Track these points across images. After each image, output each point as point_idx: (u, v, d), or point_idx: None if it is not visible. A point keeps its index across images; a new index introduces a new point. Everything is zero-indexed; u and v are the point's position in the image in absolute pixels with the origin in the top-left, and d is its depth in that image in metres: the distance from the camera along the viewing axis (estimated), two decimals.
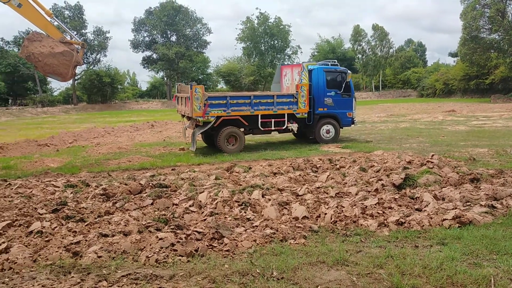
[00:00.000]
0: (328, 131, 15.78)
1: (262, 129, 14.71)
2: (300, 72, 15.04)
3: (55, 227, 6.14)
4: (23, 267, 4.82)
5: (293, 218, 6.60)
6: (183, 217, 6.63)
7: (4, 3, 11.72)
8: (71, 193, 8.33)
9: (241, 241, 5.53)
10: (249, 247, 5.40)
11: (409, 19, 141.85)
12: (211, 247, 5.38)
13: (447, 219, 6.14)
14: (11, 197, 8.21)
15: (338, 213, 6.65)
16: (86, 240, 5.55)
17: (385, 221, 6.22)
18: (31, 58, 11.95)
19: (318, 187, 8.44)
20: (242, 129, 14.62)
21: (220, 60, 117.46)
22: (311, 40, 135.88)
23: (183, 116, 15.32)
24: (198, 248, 5.24)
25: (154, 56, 74.02)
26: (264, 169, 10.64)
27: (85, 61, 66.30)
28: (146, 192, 8.13)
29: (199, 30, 75.91)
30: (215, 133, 14.27)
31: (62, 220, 6.49)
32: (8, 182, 9.39)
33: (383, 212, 6.60)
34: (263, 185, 8.49)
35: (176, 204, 7.38)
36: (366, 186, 8.29)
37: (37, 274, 4.67)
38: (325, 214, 6.69)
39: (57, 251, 5.19)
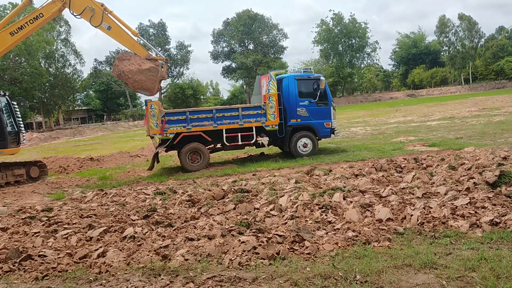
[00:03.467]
0: (305, 145, 14.32)
1: (228, 144, 13.74)
2: (268, 82, 13.97)
3: (146, 232, 6.53)
4: (118, 269, 5.18)
5: (376, 220, 6.39)
6: (264, 221, 6.71)
7: (95, 26, 12.79)
8: (160, 200, 8.82)
9: (323, 244, 5.47)
10: (331, 250, 5.32)
11: (498, 5, 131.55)
12: (292, 250, 5.39)
13: None
14: (107, 205, 8.88)
15: (426, 214, 6.32)
16: (174, 244, 5.84)
17: (478, 222, 5.80)
18: (121, 76, 12.88)
19: (403, 188, 8.09)
20: (210, 146, 13.90)
21: (297, 64, 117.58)
22: (390, 37, 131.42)
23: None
24: (280, 251, 5.27)
25: (233, 65, 76.05)
26: (345, 171, 10.45)
27: (169, 75, 69.98)
28: (228, 197, 8.36)
29: (275, 36, 76.73)
30: (178, 150, 13.58)
31: (152, 225, 6.89)
32: (104, 192, 10.18)
33: (476, 212, 6.16)
34: (344, 187, 8.33)
35: (258, 208, 7.50)
36: (456, 185, 7.79)
37: (130, 276, 5.00)
38: (411, 215, 6.39)
39: (148, 255, 5.51)
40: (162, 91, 69.63)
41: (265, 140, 13.86)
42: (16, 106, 13.67)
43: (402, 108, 38.76)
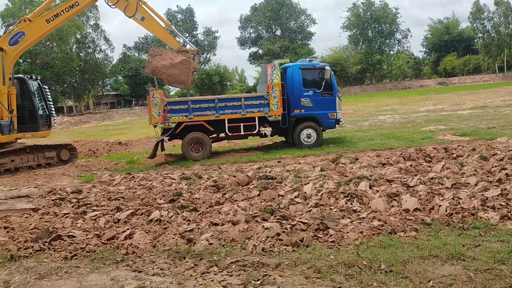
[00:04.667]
0: (309, 136, 13.95)
1: (230, 134, 13.55)
2: (271, 71, 13.57)
3: (172, 216, 6.62)
4: (144, 251, 5.28)
5: (403, 210, 6.28)
6: (288, 208, 6.69)
7: (129, 17, 12.94)
8: (186, 184, 8.91)
9: (347, 232, 5.42)
10: (356, 239, 5.27)
11: None
12: (316, 237, 5.36)
13: None
14: (135, 188, 9.03)
15: (454, 205, 6.17)
16: (198, 228, 5.90)
17: (509, 214, 5.63)
18: (156, 72, 13.01)
19: (432, 178, 7.91)
20: (213, 135, 13.75)
21: (324, 50, 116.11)
22: (422, 23, 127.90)
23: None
24: (303, 238, 5.26)
25: (260, 51, 75.72)
26: (372, 159, 10.31)
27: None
28: (253, 184, 8.37)
29: (303, 22, 75.89)
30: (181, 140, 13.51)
31: (177, 209, 6.97)
32: (132, 175, 10.35)
33: (507, 204, 5.97)
34: (371, 176, 8.21)
35: (282, 195, 7.48)
36: (488, 176, 7.56)
37: (156, 258, 5.09)
38: (440, 206, 6.25)
39: (173, 238, 5.59)
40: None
41: (268, 130, 13.71)
42: (48, 90, 14.00)
43: (433, 97, 37.84)
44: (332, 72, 14.02)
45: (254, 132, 13.55)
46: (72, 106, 69.05)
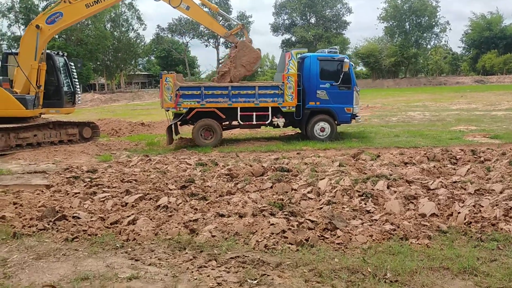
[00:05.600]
0: (322, 129, 13.55)
1: (242, 123, 13.28)
2: (288, 61, 13.10)
3: (180, 203, 6.50)
4: (145, 239, 5.18)
5: (419, 214, 5.96)
6: (299, 203, 6.48)
7: (174, 7, 12.87)
8: (200, 171, 8.79)
9: (356, 235, 5.17)
10: (364, 242, 5.02)
11: None
12: (322, 238, 5.13)
13: None
14: (149, 171, 8.98)
15: (475, 213, 5.81)
16: (204, 219, 5.76)
17: None
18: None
19: (455, 182, 7.51)
20: (225, 123, 13.50)
21: (359, 41, 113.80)
22: (462, 17, 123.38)
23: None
24: (309, 237, 5.04)
25: (293, 39, 74.79)
26: (394, 157, 9.93)
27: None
28: (267, 175, 8.17)
29: (338, 10, 74.38)
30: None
31: (187, 196, 6.85)
32: (148, 158, 10.32)
33: None
34: (390, 175, 7.87)
35: (295, 189, 7.25)
36: None
37: (156, 247, 4.98)
38: (459, 213, 5.90)
39: (176, 227, 5.47)
40: (219, 61, 69.92)
41: (281, 121, 13.30)
42: (73, 67, 14.09)
43: (468, 95, 36.49)
44: (352, 65, 13.53)
45: (267, 122, 13.30)
46: (104, 83, 70.15)
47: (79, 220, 5.75)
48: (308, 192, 7.00)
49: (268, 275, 4.22)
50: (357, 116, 13.93)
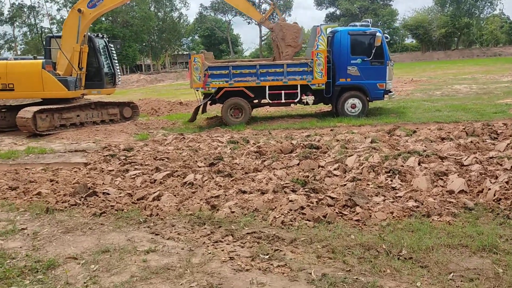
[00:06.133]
0: (353, 106, 13.14)
1: (271, 101, 13.13)
2: (317, 37, 12.56)
3: (205, 180, 6.63)
4: (168, 214, 5.35)
5: (446, 191, 5.77)
6: (323, 180, 6.43)
7: None
8: (230, 149, 8.89)
9: (376, 211, 5.09)
10: (383, 219, 4.94)
11: None
12: (341, 214, 5.10)
13: None
14: (182, 149, 9.20)
15: (506, 189, 5.54)
16: (225, 195, 5.86)
17: None
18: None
19: (491, 157, 7.16)
20: (254, 101, 13.31)
21: (407, 12, 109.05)
22: None
23: None
24: (327, 214, 5.02)
25: (338, 12, 72.83)
26: (432, 133, 9.61)
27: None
28: (296, 152, 8.15)
29: None
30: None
31: (213, 174, 6.97)
32: (183, 136, 10.55)
33: None
34: (424, 151, 7.63)
35: (322, 166, 7.20)
36: None
37: (177, 222, 5.14)
38: (489, 189, 5.66)
39: (198, 203, 5.60)
40: (262, 39, 69.42)
41: (310, 99, 13.02)
42: (113, 49, 14.49)
43: None
44: (385, 38, 13.00)
45: (296, 100, 13.13)
46: (150, 64, 71.68)
47: (108, 196, 6.02)
48: (335, 169, 6.92)
49: (280, 251, 4.27)
50: (390, 92, 13.46)
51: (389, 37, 13.98)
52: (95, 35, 14.05)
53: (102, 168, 7.79)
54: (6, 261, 4.19)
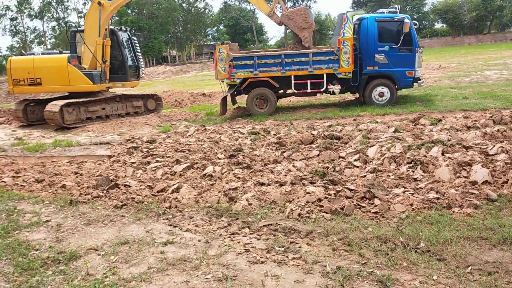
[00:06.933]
0: (381, 94, 12.85)
1: (296, 91, 12.98)
2: (343, 24, 12.30)
3: (225, 172, 6.67)
4: (186, 206, 5.43)
5: (469, 182, 5.63)
6: (343, 171, 6.38)
7: None
8: (251, 140, 8.90)
9: (395, 204, 5.03)
10: (402, 211, 4.87)
11: None
12: (359, 206, 5.06)
13: None
14: (203, 141, 9.27)
15: None
16: (243, 187, 5.89)
17: None
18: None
19: None
20: (280, 91, 13.16)
21: None
22: None
23: None
24: (345, 206, 4.98)
25: None
26: (457, 121, 9.36)
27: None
28: (316, 143, 8.10)
29: None
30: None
31: (232, 165, 7.01)
32: (204, 127, 10.62)
33: None
34: (448, 140, 7.46)
35: (342, 157, 7.13)
36: None
37: (195, 214, 5.21)
38: None
39: (216, 195, 5.66)
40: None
41: (336, 88, 12.84)
42: (136, 42, 14.66)
43: None
44: (413, 25, 12.67)
45: (322, 89, 12.97)
46: (175, 55, 72.24)
47: (129, 189, 6.14)
48: (355, 160, 6.86)
49: (296, 243, 4.27)
50: (419, 80, 13.13)
51: (417, 23, 13.57)
52: (118, 28, 14.25)
53: (125, 161, 7.95)
54: (30, 252, 4.34)
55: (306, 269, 3.77)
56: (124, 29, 14.50)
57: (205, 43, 75.10)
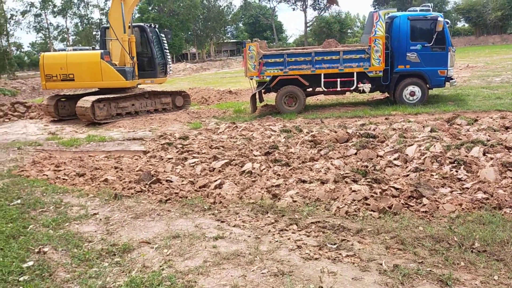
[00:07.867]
0: (412, 93, 12.65)
1: (326, 89, 12.83)
2: (375, 22, 12.11)
3: (264, 169, 6.69)
4: (230, 202, 5.45)
5: None
6: (384, 170, 6.32)
7: None
8: (284, 138, 8.90)
9: (443, 203, 4.96)
10: (452, 211, 4.80)
11: None
12: (407, 206, 5.01)
13: None
14: (236, 138, 9.30)
15: None
16: (285, 184, 5.89)
17: None
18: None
19: None
20: (309, 89, 13.07)
21: None
22: None
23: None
24: (392, 205, 4.94)
25: None
26: (494, 122, 9.19)
27: (316, 8, 68.36)
28: (352, 142, 8.05)
29: None
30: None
31: (270, 162, 7.01)
32: (235, 125, 10.65)
33: None
34: (488, 141, 7.34)
35: (381, 156, 7.08)
36: None
37: (240, 210, 5.23)
38: None
39: (259, 192, 5.67)
40: (307, 25, 68.56)
41: (366, 87, 12.67)
42: (164, 39, 14.76)
43: None
44: (446, 24, 12.47)
45: (352, 88, 12.86)
46: (195, 53, 72.60)
47: (171, 184, 6.20)
48: (395, 159, 6.79)
49: (348, 241, 4.26)
50: (452, 79, 12.92)
51: (450, 22, 13.38)
52: (148, 25, 14.36)
53: (161, 156, 8.02)
54: (84, 244, 4.42)
55: (362, 266, 3.75)
56: (153, 26, 14.60)
57: (225, 41, 75.31)
